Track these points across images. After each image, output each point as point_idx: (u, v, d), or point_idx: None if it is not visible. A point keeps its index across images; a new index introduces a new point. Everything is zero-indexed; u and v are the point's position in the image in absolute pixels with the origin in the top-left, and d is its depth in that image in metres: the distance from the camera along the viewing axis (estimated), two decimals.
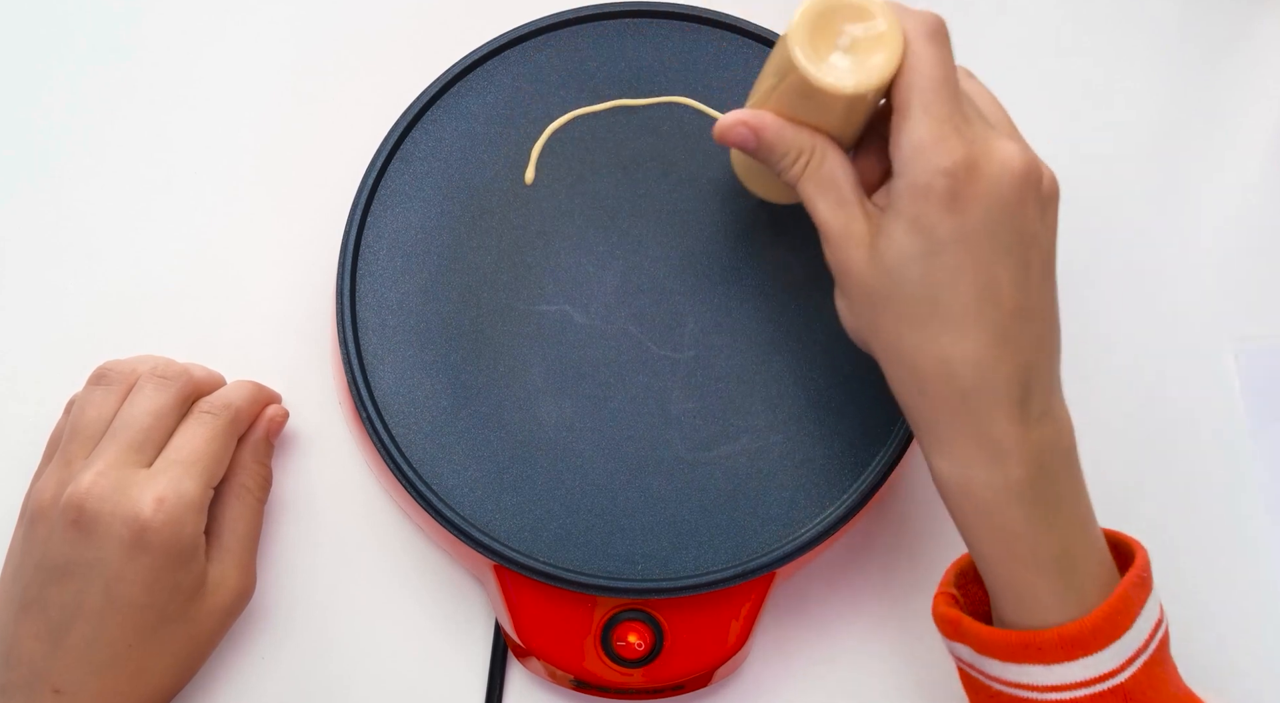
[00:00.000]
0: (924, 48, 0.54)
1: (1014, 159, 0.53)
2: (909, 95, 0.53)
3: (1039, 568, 0.54)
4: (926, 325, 0.53)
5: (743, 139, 0.57)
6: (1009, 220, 0.53)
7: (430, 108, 0.67)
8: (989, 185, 0.53)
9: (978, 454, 0.54)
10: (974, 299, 0.53)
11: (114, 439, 0.62)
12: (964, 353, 0.53)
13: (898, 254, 0.53)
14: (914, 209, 0.53)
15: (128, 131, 0.73)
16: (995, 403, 0.53)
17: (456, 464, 0.63)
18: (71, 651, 0.60)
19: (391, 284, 0.65)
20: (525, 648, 0.64)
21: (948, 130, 0.52)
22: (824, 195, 0.55)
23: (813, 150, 0.56)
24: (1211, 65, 0.75)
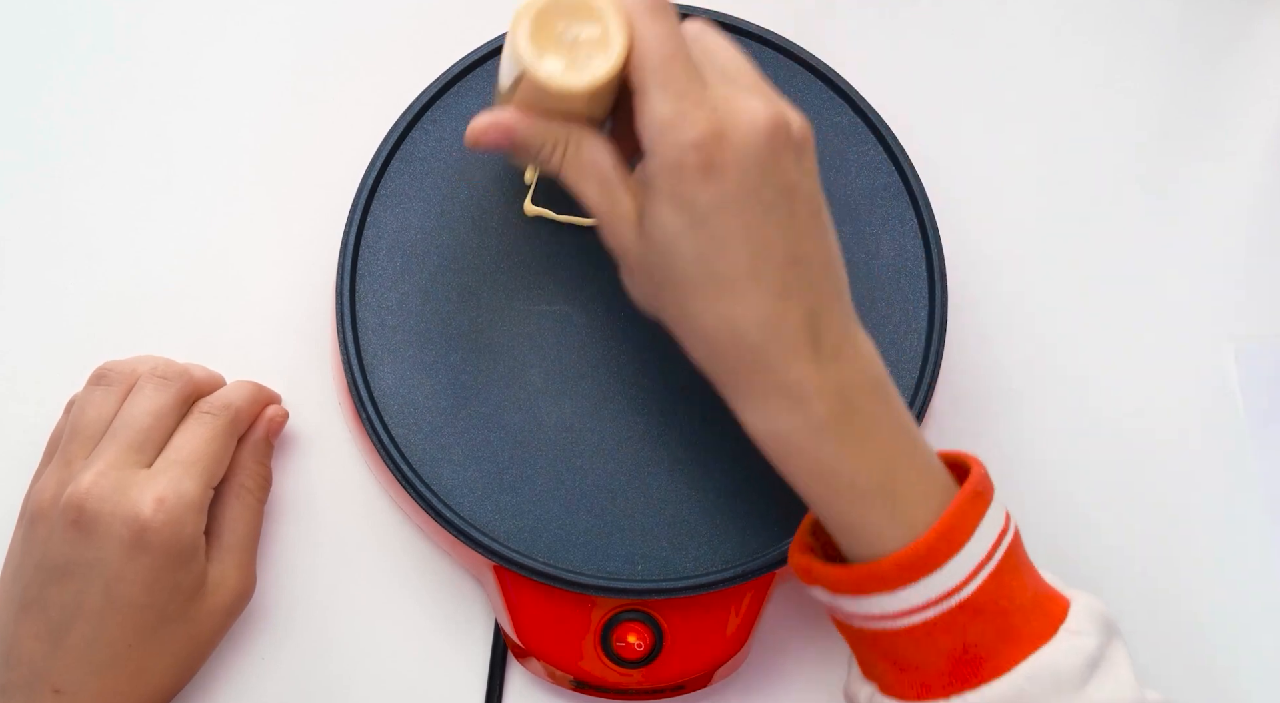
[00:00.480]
0: (648, 26, 0.54)
1: (759, 115, 0.53)
2: (643, 75, 0.54)
3: (862, 498, 0.54)
4: (705, 293, 0.54)
5: (497, 141, 0.57)
6: (766, 177, 0.53)
7: (430, 108, 0.67)
8: (739, 148, 0.53)
9: (781, 402, 0.54)
10: (747, 260, 0.53)
11: (114, 439, 0.62)
12: (746, 312, 0.54)
13: (664, 231, 0.54)
14: (671, 186, 0.53)
15: (128, 131, 0.73)
16: (786, 351, 0.54)
17: (456, 464, 0.63)
18: (71, 651, 0.60)
19: (391, 284, 0.65)
20: (525, 649, 0.64)
21: (687, 104, 0.53)
22: (586, 180, 0.56)
23: (567, 139, 0.56)
24: (1212, 64, 0.75)
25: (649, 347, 0.65)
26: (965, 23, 0.75)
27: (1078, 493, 0.70)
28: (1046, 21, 0.76)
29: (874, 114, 0.68)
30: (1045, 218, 0.73)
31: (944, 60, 0.75)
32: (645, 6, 0.54)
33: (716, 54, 0.56)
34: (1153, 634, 0.68)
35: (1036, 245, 0.73)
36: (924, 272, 0.66)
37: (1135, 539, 0.69)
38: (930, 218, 0.67)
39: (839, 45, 0.71)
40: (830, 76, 0.68)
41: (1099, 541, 0.69)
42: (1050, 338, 0.72)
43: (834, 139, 0.68)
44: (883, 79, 0.72)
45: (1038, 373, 0.71)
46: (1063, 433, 0.70)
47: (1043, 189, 0.73)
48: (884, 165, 0.67)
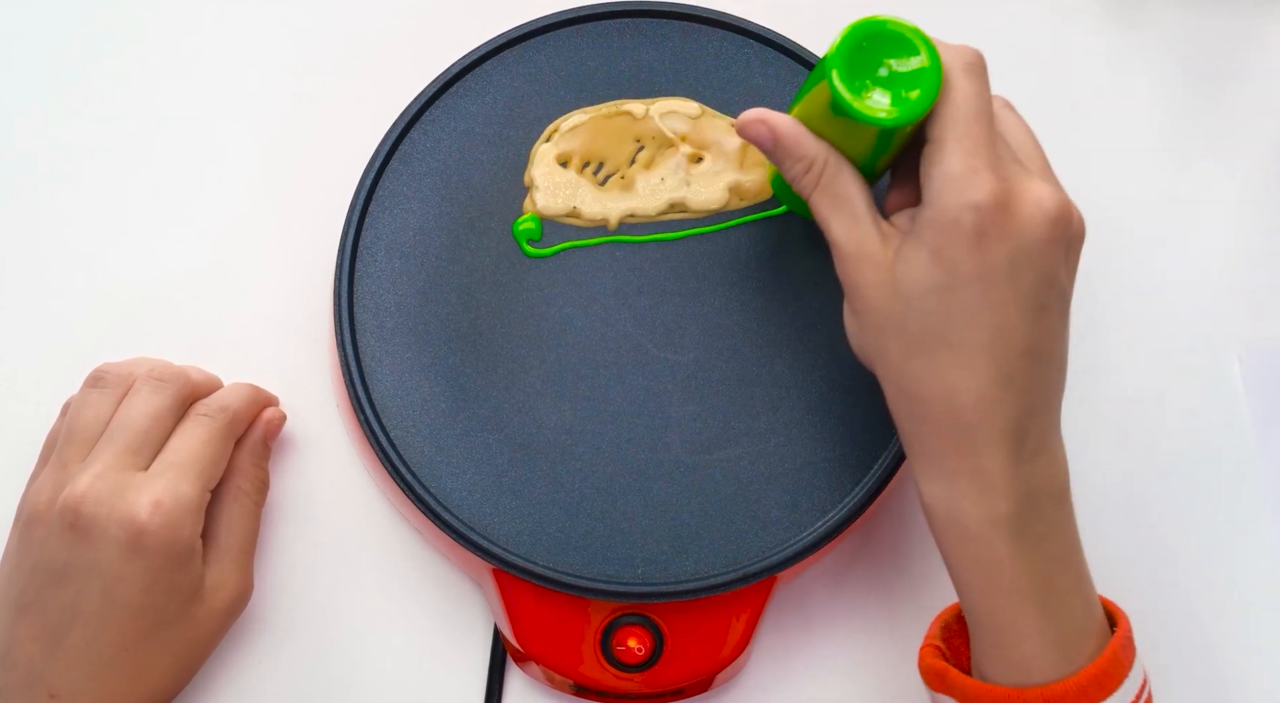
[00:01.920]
0: (961, 80, 0.54)
1: (1047, 200, 0.53)
2: (944, 127, 0.53)
3: (1018, 602, 0.54)
4: (935, 356, 0.54)
5: (760, 136, 0.57)
6: (1034, 263, 0.53)
7: (429, 108, 0.67)
8: (1019, 226, 0.53)
9: (968, 486, 0.54)
10: (987, 338, 0.53)
11: (111, 442, 0.62)
12: (969, 388, 0.53)
13: (916, 283, 0.53)
14: (939, 240, 0.53)
15: (126, 132, 0.73)
16: (992, 439, 0.54)
17: (455, 467, 0.63)
18: (69, 653, 0.60)
19: (389, 286, 0.65)
20: (524, 653, 0.64)
21: (979, 164, 0.52)
22: (837, 211, 0.56)
23: (825, 162, 0.56)
24: (1219, 68, 0.75)
25: (650, 348, 0.65)
26: (968, 23, 0.75)
27: (1081, 496, 0.67)
28: (1050, 22, 0.76)
29: None
30: None
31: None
32: (962, 63, 0.54)
33: (1015, 131, 0.57)
34: (1158, 639, 0.67)
35: None
36: None
37: (1140, 543, 0.69)
38: None
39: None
40: None
41: (1103, 544, 0.67)
42: None
43: None
44: None
45: None
46: (1066, 436, 0.68)
47: None
48: None
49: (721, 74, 0.67)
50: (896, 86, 0.54)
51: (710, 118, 0.67)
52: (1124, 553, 0.69)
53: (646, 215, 0.66)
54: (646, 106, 0.67)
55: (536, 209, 0.66)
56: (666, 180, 0.66)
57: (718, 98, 0.67)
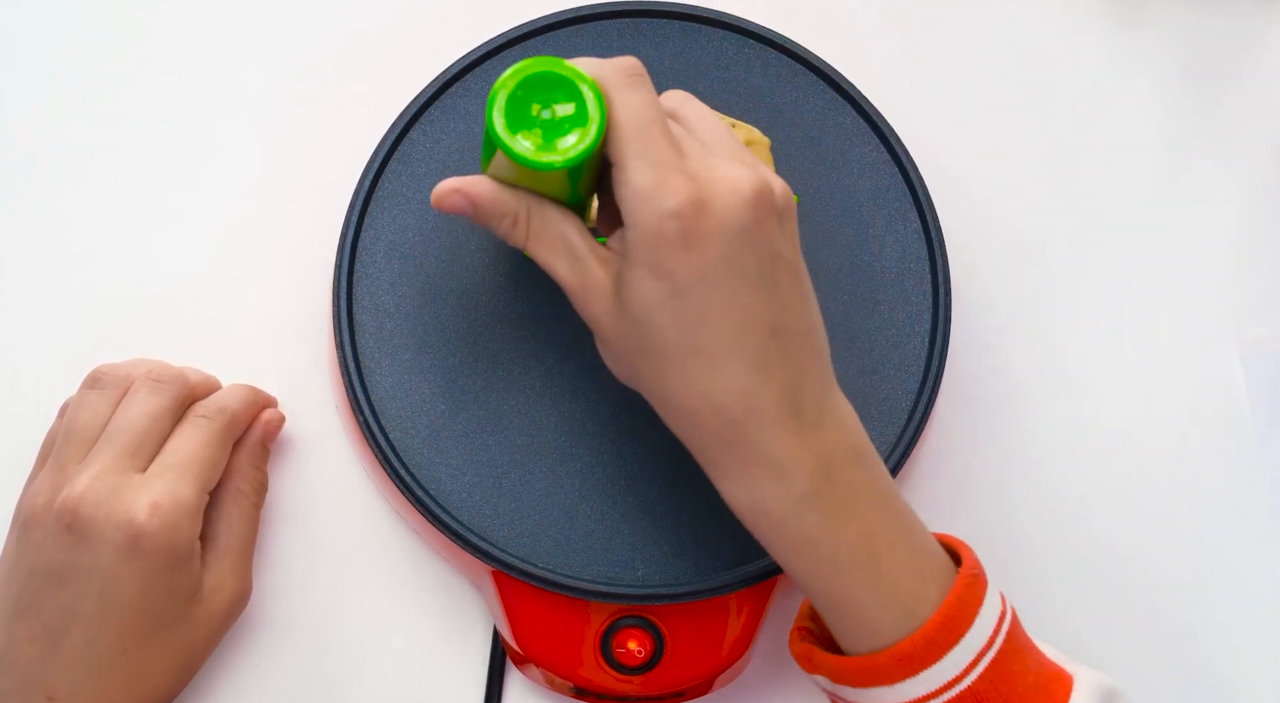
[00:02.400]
0: (623, 96, 0.54)
1: (741, 182, 0.53)
2: (620, 145, 0.53)
3: (845, 571, 0.54)
4: (685, 365, 0.53)
5: (458, 207, 0.57)
6: (748, 246, 0.53)
7: (428, 108, 0.67)
8: (721, 217, 0.52)
9: (761, 474, 0.54)
10: (728, 332, 0.53)
11: (108, 444, 0.62)
12: (727, 385, 0.53)
13: (642, 302, 0.53)
14: (650, 256, 0.52)
15: (125, 132, 0.72)
16: (766, 424, 0.53)
17: (454, 469, 0.63)
18: (67, 655, 0.60)
19: (389, 287, 0.65)
20: (524, 655, 0.63)
21: (666, 172, 0.52)
22: (554, 253, 0.56)
23: (529, 211, 0.56)
24: (1219, 67, 0.75)
25: None
26: (970, 21, 0.75)
27: (1083, 498, 0.70)
28: (1053, 21, 0.75)
29: (876, 114, 0.68)
30: (1051, 220, 0.73)
31: (948, 60, 0.75)
32: (620, 77, 0.54)
33: (696, 124, 0.56)
34: (1158, 640, 0.67)
35: (1041, 248, 0.73)
36: (927, 274, 0.66)
37: (1141, 544, 0.69)
38: (934, 219, 0.66)
39: (841, 44, 0.71)
40: (832, 76, 0.68)
41: (1104, 546, 0.69)
42: (1055, 341, 0.71)
43: (836, 140, 0.67)
44: (885, 78, 0.72)
45: (1042, 377, 0.71)
46: (1068, 437, 0.70)
47: (1048, 191, 0.73)
48: (886, 166, 0.67)
49: (721, 74, 0.67)
50: (560, 123, 0.54)
51: None
52: (1125, 555, 0.69)
53: None
54: None
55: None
56: None
57: (718, 98, 0.67)
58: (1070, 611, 0.68)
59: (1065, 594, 0.69)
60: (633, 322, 0.54)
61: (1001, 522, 0.69)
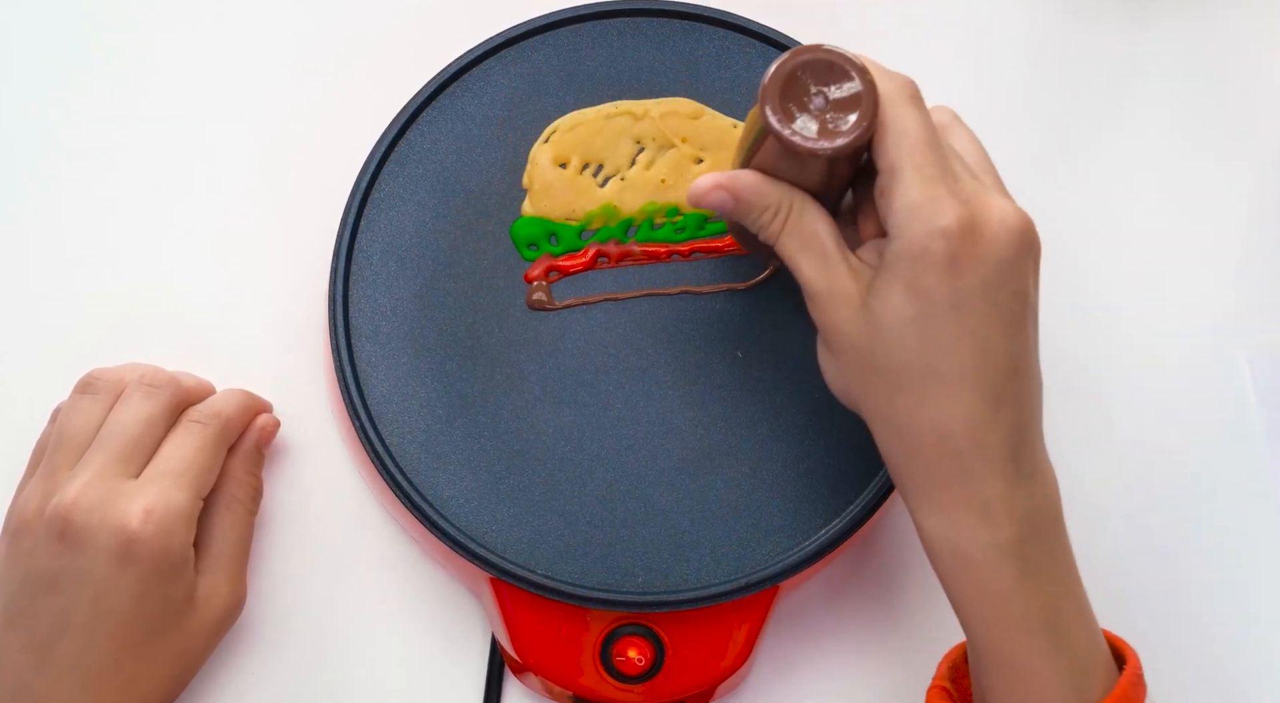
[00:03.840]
0: (905, 110, 0.53)
1: (1011, 218, 0.53)
2: (898, 156, 0.53)
3: (1029, 632, 0.54)
4: (921, 389, 0.53)
5: (720, 203, 0.56)
6: (1007, 282, 0.53)
7: (425, 109, 0.67)
8: (988, 247, 0.52)
9: (968, 514, 0.54)
10: (972, 363, 0.53)
11: (101, 449, 0.62)
12: (959, 415, 0.53)
13: (893, 318, 0.53)
14: (911, 272, 0.52)
15: (117, 134, 0.72)
16: (988, 463, 0.53)
17: (452, 474, 0.63)
18: (58, 665, 0.60)
19: (385, 290, 0.65)
20: (522, 663, 0.63)
21: (941, 190, 0.52)
22: (806, 252, 0.55)
23: (790, 205, 0.55)
24: (1227, 69, 0.75)
25: (651, 353, 0.64)
26: (974, 22, 0.75)
27: (1090, 504, 0.69)
28: (1060, 23, 0.76)
29: None
30: (1055, 222, 0.72)
31: (951, 60, 0.75)
32: (906, 94, 0.54)
33: (964, 144, 0.56)
34: (1168, 647, 0.67)
35: (1046, 250, 0.70)
36: None
37: (1149, 551, 0.69)
38: None
39: (843, 44, 0.69)
40: None
41: (1112, 552, 0.69)
42: (1060, 346, 0.71)
43: None
44: None
45: (1048, 382, 0.68)
46: (1074, 443, 0.70)
47: (1052, 194, 0.73)
48: None
49: (723, 74, 0.67)
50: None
51: (711, 118, 0.67)
52: (1132, 560, 0.69)
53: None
54: (647, 107, 0.67)
55: (535, 212, 0.66)
56: (667, 182, 0.66)
57: (719, 98, 0.67)
58: None
59: None
60: (877, 335, 0.53)
61: None
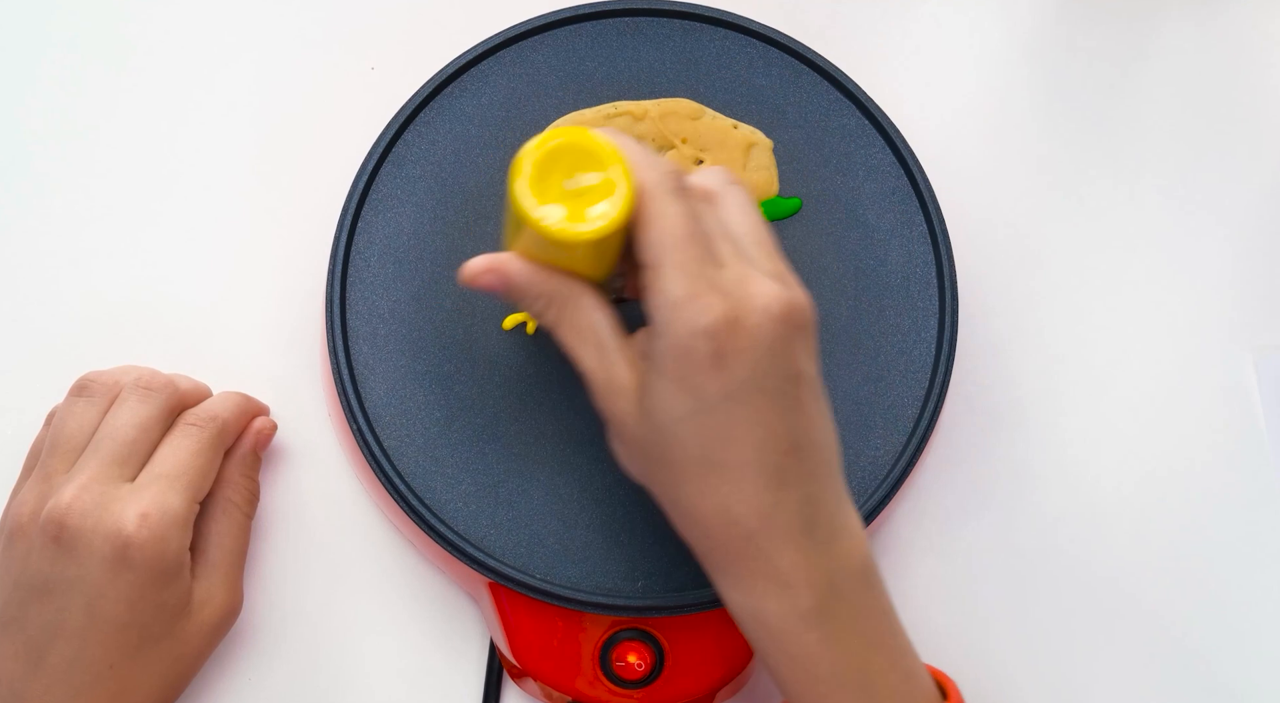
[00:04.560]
0: (665, 203, 0.53)
1: (774, 303, 0.53)
2: (657, 252, 0.53)
3: (839, 689, 0.54)
4: (703, 478, 0.54)
5: (492, 286, 0.56)
6: (776, 367, 0.53)
7: (423, 109, 0.67)
8: (752, 337, 0.52)
9: (768, 587, 0.54)
10: (750, 450, 0.53)
11: (96, 453, 0.62)
12: (743, 500, 0.53)
13: (666, 413, 0.53)
14: (678, 370, 0.52)
15: (113, 136, 0.72)
16: (779, 539, 0.54)
17: (450, 478, 0.63)
18: (52, 671, 0.60)
19: (383, 292, 0.65)
20: (521, 668, 0.63)
21: (701, 286, 0.52)
22: (582, 342, 0.55)
23: (565, 298, 0.55)
24: (1232, 67, 0.75)
25: None
26: (975, 22, 0.75)
27: (1093, 507, 0.70)
28: (1062, 22, 0.76)
29: (881, 115, 0.67)
30: (1059, 224, 0.73)
31: (953, 60, 0.75)
32: (668, 186, 0.54)
33: (734, 218, 0.56)
34: (1171, 650, 0.68)
35: (1050, 252, 0.73)
36: (934, 278, 0.66)
37: (1153, 553, 0.69)
38: (940, 223, 0.66)
39: (845, 44, 0.71)
40: (836, 77, 0.68)
41: (1115, 555, 0.69)
42: (1065, 347, 0.71)
43: (840, 141, 0.67)
44: (891, 79, 0.72)
45: (1051, 384, 0.71)
46: (1077, 445, 0.70)
47: (1057, 194, 0.73)
48: (892, 168, 0.67)
49: (723, 74, 0.67)
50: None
51: (711, 119, 0.67)
52: (1138, 563, 0.69)
53: None
54: (646, 108, 0.67)
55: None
56: None
57: (719, 99, 0.67)
58: (1082, 620, 0.68)
59: (1077, 604, 0.68)
60: (654, 429, 0.54)
61: (1010, 531, 0.69)
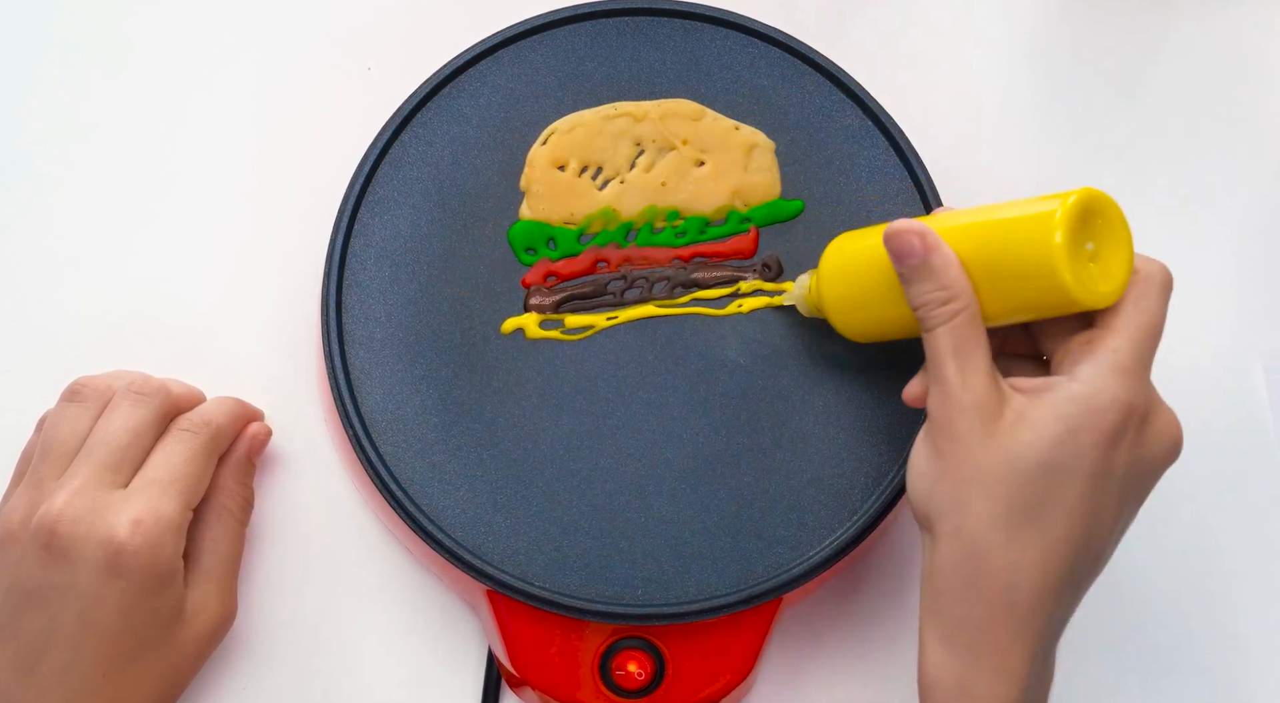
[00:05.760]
0: (1157, 293, 0.55)
1: (1175, 427, 0.55)
2: (1127, 322, 0.54)
3: None
4: (1019, 532, 0.53)
5: (908, 248, 0.55)
6: (1144, 482, 0.55)
7: (421, 110, 0.67)
8: (1149, 444, 0.54)
9: (991, 666, 0.54)
10: (1078, 536, 0.54)
11: (88, 458, 0.62)
12: (1037, 575, 0.54)
13: (1034, 453, 0.53)
14: (1078, 421, 0.53)
15: (107, 138, 0.72)
16: (1032, 633, 0.54)
17: (447, 484, 0.63)
18: (44, 680, 0.59)
19: (379, 295, 0.65)
20: (519, 677, 0.63)
21: (1143, 371, 0.54)
22: (960, 355, 0.55)
23: (968, 303, 0.55)
24: (1240, 71, 0.75)
25: (650, 360, 0.64)
26: (978, 21, 0.75)
27: None
28: (1062, 20, 0.75)
29: (885, 116, 0.67)
30: None
31: (956, 60, 0.75)
32: (1165, 280, 0.55)
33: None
34: (1180, 657, 0.67)
35: None
36: None
37: (1161, 560, 0.69)
38: None
39: (848, 44, 0.71)
40: (839, 77, 0.68)
41: (1122, 563, 0.66)
42: None
43: (842, 142, 0.67)
44: (894, 79, 0.71)
45: None
46: None
47: None
48: (896, 170, 0.67)
49: (724, 75, 0.67)
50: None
51: (713, 120, 0.67)
52: (1147, 568, 0.69)
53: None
54: (647, 108, 0.66)
55: (533, 215, 0.65)
56: (668, 185, 0.65)
57: (721, 99, 0.67)
58: (1089, 627, 0.66)
59: (1084, 612, 0.66)
60: (1007, 460, 0.53)
61: None
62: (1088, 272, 0.53)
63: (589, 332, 0.64)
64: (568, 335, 0.64)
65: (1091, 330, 0.54)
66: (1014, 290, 0.54)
